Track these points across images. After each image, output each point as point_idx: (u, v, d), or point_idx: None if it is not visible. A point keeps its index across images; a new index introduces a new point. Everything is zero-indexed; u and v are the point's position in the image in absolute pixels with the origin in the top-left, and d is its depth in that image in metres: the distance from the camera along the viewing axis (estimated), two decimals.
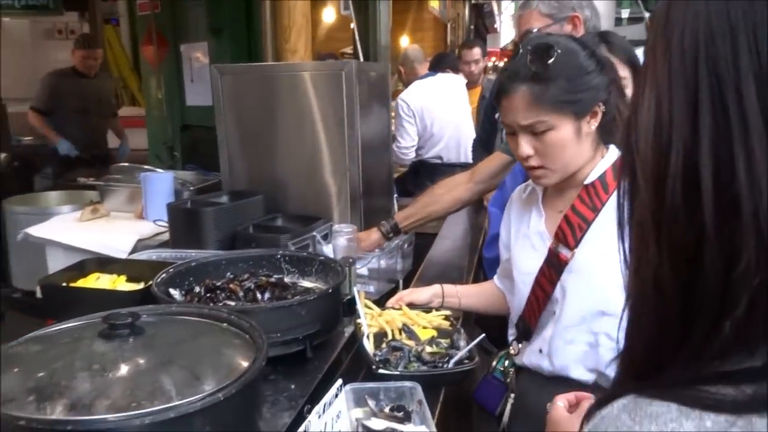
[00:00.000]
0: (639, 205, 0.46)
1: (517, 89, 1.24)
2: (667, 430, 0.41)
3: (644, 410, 0.42)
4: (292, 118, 2.19)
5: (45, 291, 1.51)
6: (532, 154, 1.27)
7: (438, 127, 3.96)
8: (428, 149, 4.01)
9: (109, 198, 2.75)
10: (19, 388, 0.87)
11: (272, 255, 1.61)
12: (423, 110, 3.92)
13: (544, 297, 1.31)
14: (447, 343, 1.37)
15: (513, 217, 1.47)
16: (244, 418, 0.98)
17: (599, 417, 0.45)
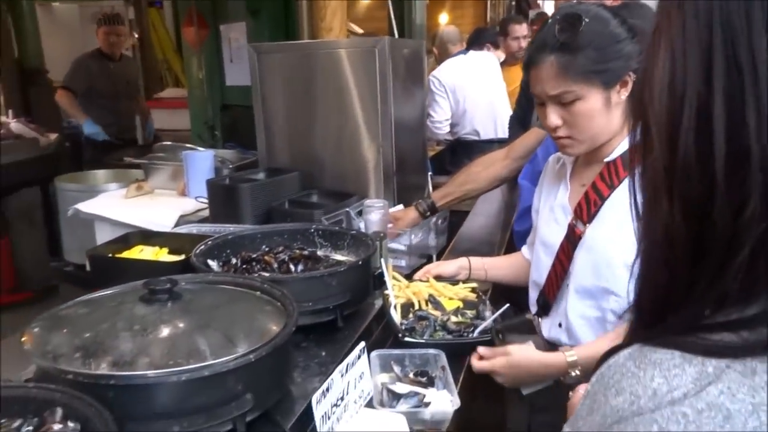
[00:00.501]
0: (652, 161, 0.48)
1: (545, 59, 1.23)
2: (670, 375, 0.42)
3: (648, 357, 0.44)
4: (326, 96, 2.22)
5: (92, 262, 1.60)
6: (560, 124, 1.27)
7: (471, 103, 3.92)
8: (463, 126, 3.99)
9: (153, 176, 2.85)
10: (67, 346, 0.94)
11: (306, 229, 1.65)
12: (455, 87, 3.89)
13: (562, 271, 1.32)
14: (473, 314, 1.39)
15: (545, 187, 1.48)
16: (274, 380, 1.03)
17: (606, 366, 0.47)
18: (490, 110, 3.93)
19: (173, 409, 0.88)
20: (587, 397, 0.47)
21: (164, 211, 2.40)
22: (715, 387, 0.41)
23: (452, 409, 0.94)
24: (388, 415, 0.91)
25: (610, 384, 0.45)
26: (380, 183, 2.23)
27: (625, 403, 0.43)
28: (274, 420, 1.00)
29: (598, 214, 1.26)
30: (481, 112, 3.94)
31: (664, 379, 0.42)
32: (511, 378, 1.23)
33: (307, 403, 1.09)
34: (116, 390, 0.85)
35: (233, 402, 0.92)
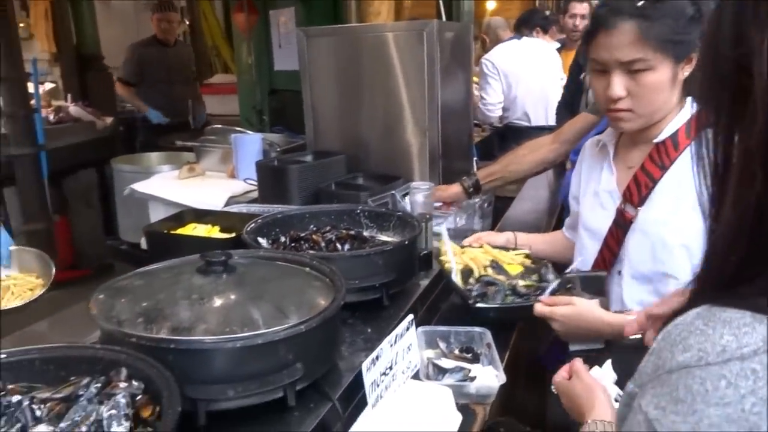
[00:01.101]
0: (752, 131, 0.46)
1: (621, 24, 1.19)
2: (740, 332, 0.43)
3: (718, 316, 0.44)
4: (374, 79, 2.24)
5: (149, 237, 1.67)
6: (623, 95, 1.23)
7: (523, 89, 3.88)
8: (514, 111, 3.95)
9: (204, 158, 2.93)
10: (129, 313, 0.99)
11: (352, 210, 1.68)
12: (507, 72, 3.86)
13: (611, 257, 1.30)
14: (536, 278, 1.38)
15: (584, 171, 1.46)
16: (323, 352, 1.06)
17: (672, 324, 0.47)
18: (542, 96, 3.88)
19: (228, 374, 0.92)
20: (652, 354, 0.48)
21: (215, 192, 2.47)
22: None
23: (498, 384, 0.95)
24: (434, 387, 0.93)
25: (677, 341, 0.45)
26: (425, 167, 2.24)
27: (693, 358, 0.44)
28: (322, 390, 1.03)
29: (649, 196, 1.24)
30: (532, 98, 3.90)
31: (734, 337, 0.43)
32: (567, 328, 1.20)
33: (354, 375, 1.12)
34: (175, 354, 0.89)
35: (284, 370, 0.95)
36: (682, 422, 0.43)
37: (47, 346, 0.89)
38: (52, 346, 0.89)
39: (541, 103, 3.89)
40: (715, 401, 0.41)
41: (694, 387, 0.43)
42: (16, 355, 0.87)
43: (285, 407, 0.96)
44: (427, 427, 0.83)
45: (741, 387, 0.41)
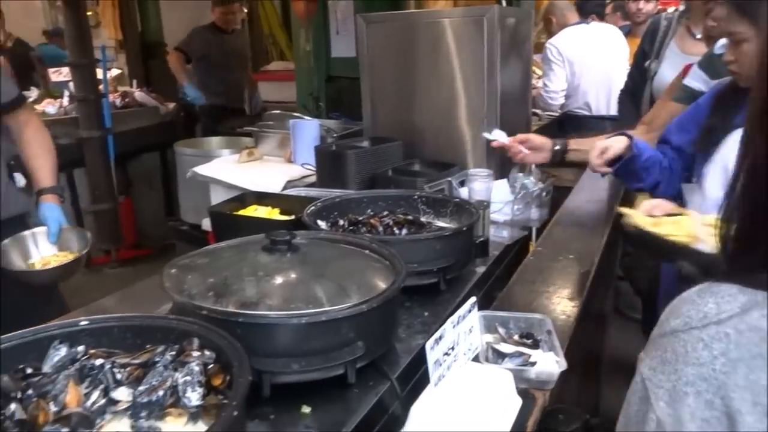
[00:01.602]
0: None
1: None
2: (723, 301, 0.47)
3: (711, 289, 0.49)
4: (432, 66, 2.24)
5: (213, 218, 1.73)
6: None
7: (587, 77, 3.76)
8: (576, 99, 3.84)
9: (263, 143, 3.00)
10: (199, 287, 1.03)
11: (410, 195, 1.69)
12: (573, 58, 3.74)
13: None
14: None
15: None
16: (383, 332, 1.08)
17: (678, 298, 0.52)
18: (606, 85, 3.75)
19: (292, 348, 0.95)
20: (658, 325, 0.52)
21: (273, 176, 2.53)
22: (758, 311, 0.45)
23: (559, 370, 0.94)
24: (495, 370, 0.93)
25: (673, 310, 0.51)
26: (482, 155, 2.23)
27: (680, 324, 0.49)
28: (381, 369, 1.05)
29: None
30: (595, 87, 3.78)
31: (716, 304, 0.47)
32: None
33: (411, 357, 1.14)
34: (243, 327, 0.93)
35: (345, 347, 0.98)
36: (666, 381, 0.48)
37: (125, 315, 0.94)
38: (130, 315, 0.94)
39: (603, 91, 3.77)
40: (692, 361, 0.47)
41: (678, 349, 0.48)
42: (97, 323, 0.92)
43: (345, 384, 0.99)
44: (488, 409, 0.83)
45: (714, 349, 0.46)
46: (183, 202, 3.43)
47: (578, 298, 1.35)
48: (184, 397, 0.79)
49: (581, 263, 1.56)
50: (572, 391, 1.71)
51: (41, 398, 0.78)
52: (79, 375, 0.83)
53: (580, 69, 3.75)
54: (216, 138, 3.68)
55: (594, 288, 1.65)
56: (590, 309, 1.75)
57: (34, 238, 1.87)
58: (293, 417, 0.94)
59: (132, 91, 4.92)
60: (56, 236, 1.88)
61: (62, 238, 1.91)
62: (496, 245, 1.74)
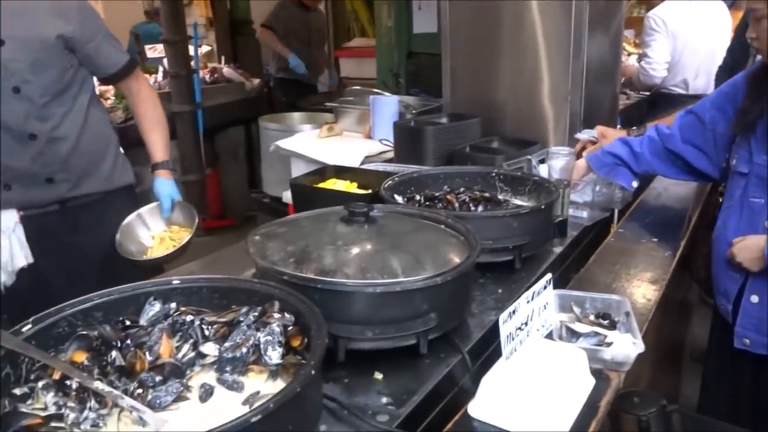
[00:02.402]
0: None
1: None
2: None
3: None
4: (515, 42, 2.18)
5: (294, 190, 1.79)
6: None
7: (688, 53, 3.55)
8: (673, 75, 3.63)
9: (343, 119, 3.05)
10: (281, 254, 1.08)
11: (487, 173, 1.68)
12: (676, 32, 3.53)
13: None
14: None
15: None
16: (455, 305, 1.09)
17: None
18: (708, 63, 3.51)
19: (367, 316, 0.98)
20: None
21: (352, 151, 2.57)
22: None
23: (636, 352, 0.92)
24: (568, 348, 0.92)
25: None
26: (564, 134, 2.16)
27: None
28: (453, 342, 1.07)
29: None
30: (696, 64, 3.57)
31: None
32: None
33: (483, 333, 1.15)
34: (322, 293, 0.97)
35: (419, 318, 1.00)
36: None
37: (213, 276, 1.01)
38: (217, 277, 1.00)
39: (704, 69, 3.54)
40: None
41: None
42: (187, 282, 0.99)
43: (417, 354, 1.01)
44: (559, 386, 0.83)
45: None
46: (265, 175, 3.56)
47: (660, 281, 1.30)
48: (265, 355, 0.84)
49: (665, 247, 1.50)
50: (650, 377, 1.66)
51: (138, 348, 0.85)
52: (172, 329, 0.90)
53: (682, 43, 3.54)
54: (298, 113, 3.77)
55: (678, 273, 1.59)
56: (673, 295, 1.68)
57: (141, 219, 1.90)
58: (366, 382, 0.98)
59: (221, 67, 5.10)
60: (169, 212, 1.92)
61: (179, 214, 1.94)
62: (575, 226, 1.70)
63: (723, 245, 1.51)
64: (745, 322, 1.48)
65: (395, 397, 0.94)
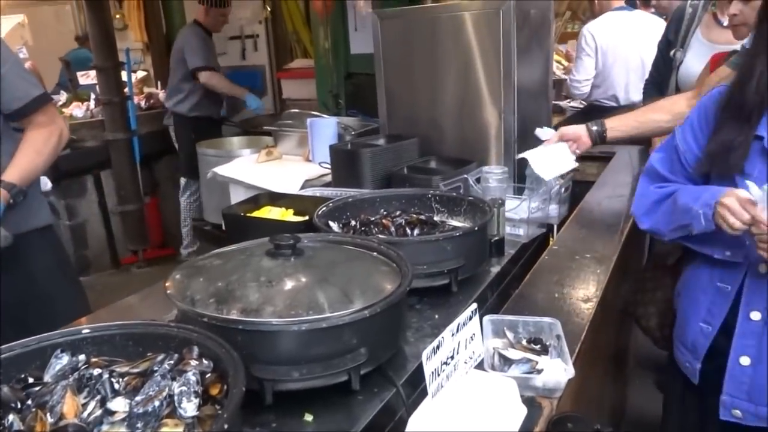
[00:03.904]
0: None
1: None
2: None
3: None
4: (448, 60, 2.20)
5: (227, 219, 1.73)
6: None
7: (621, 67, 3.65)
8: (605, 89, 3.73)
9: (282, 142, 3.01)
10: (202, 293, 1.03)
11: (423, 194, 1.67)
12: (608, 46, 3.63)
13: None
14: None
15: None
16: (388, 337, 1.06)
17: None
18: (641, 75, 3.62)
19: (293, 355, 0.93)
20: None
21: (291, 176, 2.53)
22: None
23: (566, 378, 0.91)
24: (499, 378, 0.90)
25: None
26: (501, 150, 2.18)
27: None
28: (387, 375, 1.03)
29: None
30: (627, 77, 3.67)
31: None
32: None
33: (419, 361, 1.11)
34: (244, 334, 0.92)
35: (348, 354, 0.96)
36: None
37: (127, 322, 0.94)
38: (131, 323, 0.94)
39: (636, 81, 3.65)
40: None
41: None
42: (98, 330, 0.92)
43: (350, 390, 0.97)
44: (490, 419, 0.81)
45: None
46: (206, 202, 3.48)
47: (593, 299, 1.31)
48: (179, 408, 0.79)
49: (599, 263, 1.52)
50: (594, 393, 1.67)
51: (40, 408, 0.78)
52: (78, 385, 0.83)
53: (613, 58, 3.64)
54: (237, 138, 3.71)
55: (614, 288, 1.61)
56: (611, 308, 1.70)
57: None
58: (296, 424, 0.93)
59: (157, 92, 4.98)
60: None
61: None
62: (512, 244, 1.71)
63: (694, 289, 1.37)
64: (734, 390, 1.28)
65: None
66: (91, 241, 4.41)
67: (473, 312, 0.89)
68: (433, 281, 1.33)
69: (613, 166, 2.41)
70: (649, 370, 2.86)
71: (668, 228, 1.35)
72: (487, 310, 1.39)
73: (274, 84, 6.18)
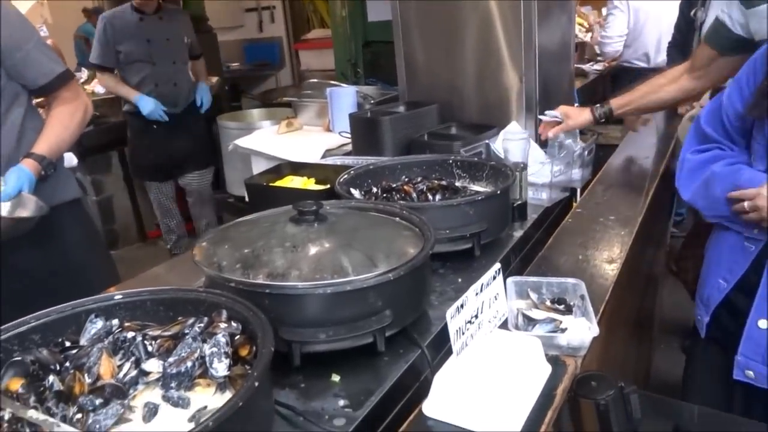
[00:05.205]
0: None
1: None
2: None
3: None
4: (468, 25, 2.16)
5: (249, 189, 1.74)
6: None
7: (652, 26, 3.58)
8: (635, 49, 3.65)
9: (302, 113, 3.01)
10: (229, 259, 1.05)
11: (444, 160, 1.66)
12: (638, 6, 3.57)
13: None
14: None
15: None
16: (412, 300, 1.07)
17: None
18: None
19: (319, 318, 0.95)
20: None
21: (311, 146, 2.54)
22: None
23: (590, 336, 0.91)
24: (523, 337, 0.91)
25: None
26: (522, 115, 2.16)
27: None
28: (411, 337, 1.05)
29: None
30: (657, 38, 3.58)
31: None
32: None
33: (443, 324, 1.13)
34: (271, 298, 0.94)
35: (373, 316, 0.97)
36: None
37: (157, 288, 0.97)
38: (161, 289, 0.97)
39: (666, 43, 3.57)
40: None
41: None
42: (130, 296, 0.95)
43: (376, 352, 0.99)
44: (514, 377, 0.82)
45: None
46: (228, 175, 3.50)
47: (617, 260, 1.30)
48: (211, 368, 0.81)
49: (623, 225, 1.50)
50: (619, 356, 1.67)
51: (77, 370, 0.81)
52: (113, 347, 0.86)
53: (644, 16, 3.57)
54: (257, 110, 3.71)
55: (638, 250, 1.59)
56: (636, 271, 1.69)
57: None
58: (324, 385, 0.96)
59: None
60: (8, 197, 1.68)
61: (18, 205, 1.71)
62: (535, 208, 1.70)
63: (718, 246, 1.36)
64: (749, 351, 1.27)
65: (352, 399, 0.92)
66: (118, 215, 4.49)
67: (497, 272, 0.89)
68: (456, 246, 1.34)
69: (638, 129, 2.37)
70: (674, 335, 2.85)
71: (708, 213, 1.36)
72: (510, 274, 1.38)
73: (291, 55, 6.15)
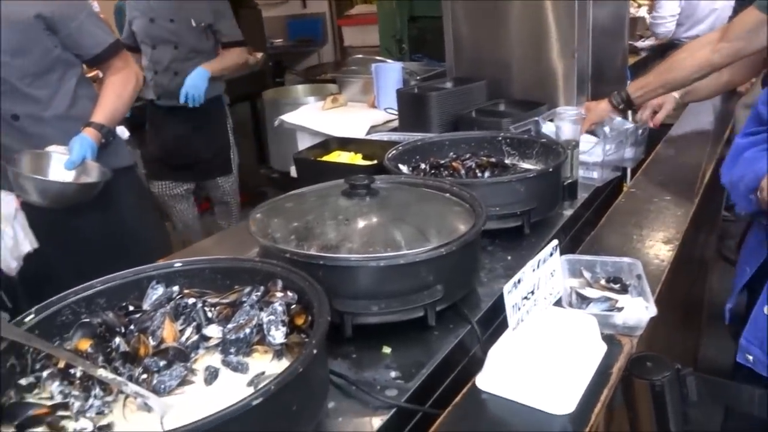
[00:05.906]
0: None
1: None
2: None
3: None
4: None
5: (297, 164, 1.76)
6: None
7: (704, 5, 3.47)
8: (689, 26, 3.53)
9: (347, 89, 3.00)
10: (283, 231, 1.06)
11: (494, 137, 1.64)
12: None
13: None
14: None
15: None
16: (463, 275, 1.07)
17: None
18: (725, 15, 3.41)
19: (372, 290, 0.96)
20: None
21: (357, 121, 2.54)
22: None
23: (648, 316, 0.90)
24: (578, 315, 0.90)
25: None
26: (572, 92, 2.11)
27: None
28: (462, 313, 1.05)
29: None
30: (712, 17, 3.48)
31: None
32: None
33: (493, 301, 1.13)
34: (324, 269, 0.95)
35: (425, 291, 0.98)
36: None
37: (215, 257, 0.99)
38: (219, 258, 0.99)
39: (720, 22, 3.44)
40: None
41: None
42: (189, 264, 0.98)
43: (426, 326, 1.00)
44: (570, 354, 0.81)
45: None
46: (272, 150, 3.54)
47: (674, 241, 1.27)
48: (268, 335, 0.83)
49: (678, 205, 1.46)
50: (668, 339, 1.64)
51: (142, 333, 0.84)
52: (175, 313, 0.89)
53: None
54: (302, 86, 3.73)
55: (693, 232, 1.55)
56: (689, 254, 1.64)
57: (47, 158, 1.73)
58: (375, 357, 0.97)
59: None
60: (74, 165, 1.72)
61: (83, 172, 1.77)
62: (586, 187, 1.67)
63: (752, 237, 1.33)
64: (751, 336, 1.27)
65: (404, 370, 0.93)
66: None
67: (554, 248, 0.88)
68: (506, 223, 1.33)
69: (693, 108, 2.28)
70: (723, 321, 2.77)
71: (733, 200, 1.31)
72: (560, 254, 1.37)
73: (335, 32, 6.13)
